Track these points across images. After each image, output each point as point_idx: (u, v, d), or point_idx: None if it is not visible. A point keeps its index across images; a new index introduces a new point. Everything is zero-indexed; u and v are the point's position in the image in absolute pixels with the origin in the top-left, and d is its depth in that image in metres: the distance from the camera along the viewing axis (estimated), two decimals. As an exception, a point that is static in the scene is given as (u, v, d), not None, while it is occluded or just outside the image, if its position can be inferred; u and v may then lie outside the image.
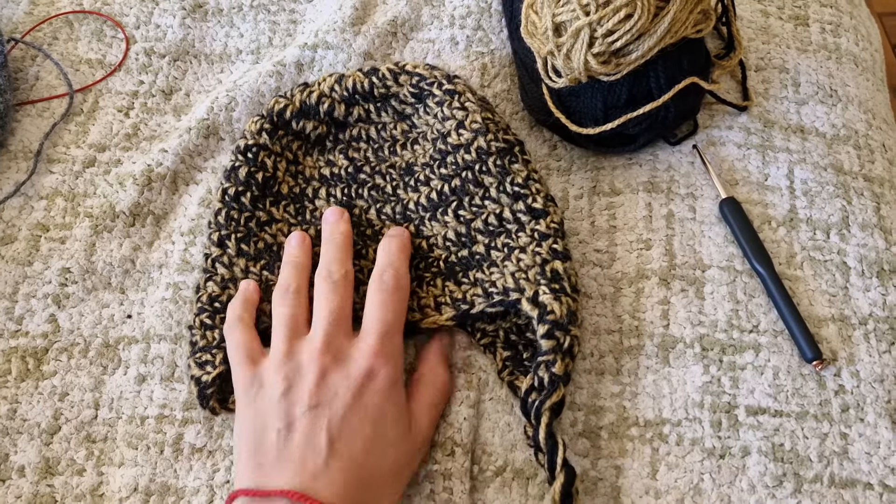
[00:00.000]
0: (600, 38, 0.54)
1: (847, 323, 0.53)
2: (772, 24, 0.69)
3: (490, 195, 0.54)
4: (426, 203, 0.56)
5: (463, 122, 0.55)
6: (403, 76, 0.58)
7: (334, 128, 0.59)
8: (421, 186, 0.56)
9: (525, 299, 0.49)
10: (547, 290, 0.49)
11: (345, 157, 0.58)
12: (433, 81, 0.57)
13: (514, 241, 0.52)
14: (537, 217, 0.53)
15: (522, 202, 0.53)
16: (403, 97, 0.58)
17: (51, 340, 0.54)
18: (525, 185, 0.54)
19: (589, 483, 0.48)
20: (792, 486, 0.48)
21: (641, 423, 0.50)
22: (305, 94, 0.58)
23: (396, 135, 0.58)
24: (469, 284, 0.52)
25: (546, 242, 0.51)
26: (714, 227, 0.57)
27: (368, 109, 0.59)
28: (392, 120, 0.59)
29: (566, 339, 0.47)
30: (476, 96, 0.58)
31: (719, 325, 0.53)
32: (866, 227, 0.58)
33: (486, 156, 0.54)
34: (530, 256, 0.51)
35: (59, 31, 0.69)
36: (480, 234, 0.54)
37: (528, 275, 0.50)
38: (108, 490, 0.49)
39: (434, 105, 0.57)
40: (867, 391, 0.51)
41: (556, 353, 0.47)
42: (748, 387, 0.51)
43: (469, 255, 0.53)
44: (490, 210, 0.54)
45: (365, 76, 0.58)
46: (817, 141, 0.62)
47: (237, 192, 0.55)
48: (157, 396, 0.52)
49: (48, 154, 0.62)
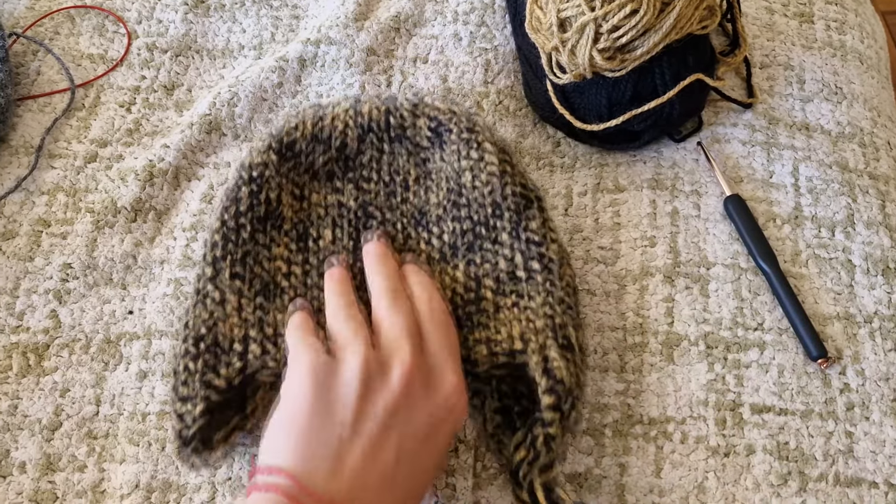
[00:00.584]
0: (605, 34, 0.53)
1: (852, 321, 0.53)
2: (777, 20, 0.69)
3: (502, 244, 0.51)
4: (436, 247, 0.52)
5: (479, 166, 0.52)
6: (422, 116, 0.54)
7: (345, 155, 0.55)
8: (433, 229, 0.53)
9: (532, 359, 0.45)
10: (556, 355, 0.45)
11: (354, 187, 0.55)
12: (452, 122, 0.53)
13: (525, 296, 0.48)
14: (551, 273, 0.49)
15: (537, 256, 0.50)
16: (420, 136, 0.54)
17: (52, 336, 0.54)
18: (541, 238, 0.50)
19: (593, 481, 0.48)
20: (797, 485, 0.48)
21: (646, 421, 0.50)
22: (318, 118, 0.54)
23: (409, 175, 0.55)
24: (475, 341, 0.48)
25: (559, 305, 0.48)
26: (719, 225, 0.57)
27: (382, 141, 0.55)
28: (406, 157, 0.55)
29: (568, 402, 0.44)
30: (495, 140, 0.54)
31: (724, 322, 0.53)
32: (871, 224, 0.57)
33: (501, 203, 0.51)
34: (542, 318, 0.47)
35: (61, 26, 0.69)
36: (489, 286, 0.50)
37: (536, 336, 0.46)
38: (110, 487, 0.49)
39: (451, 147, 0.53)
40: (872, 389, 0.51)
41: (555, 412, 0.44)
42: (753, 385, 0.51)
43: (476, 308, 0.49)
44: (501, 261, 0.50)
45: (382, 105, 0.54)
46: (822, 138, 0.62)
47: (237, 212, 0.51)
48: (159, 393, 0.52)
49: (49, 149, 0.62)
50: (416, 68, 0.66)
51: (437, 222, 0.53)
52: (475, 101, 0.63)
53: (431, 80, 0.65)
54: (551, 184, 0.60)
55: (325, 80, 0.65)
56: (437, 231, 0.53)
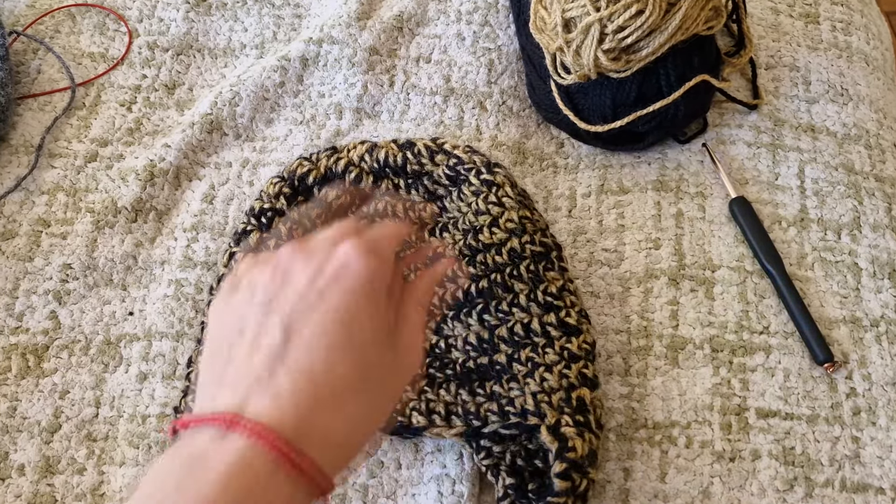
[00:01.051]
0: (611, 35, 0.53)
1: (859, 325, 0.53)
2: (782, 21, 0.68)
3: (519, 303, 0.49)
4: (450, 300, 0.51)
5: (497, 219, 0.51)
6: (440, 156, 0.53)
7: (359, 199, 0.56)
8: (449, 283, 0.52)
9: (545, 427, 0.44)
10: (570, 422, 0.44)
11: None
12: (471, 167, 0.52)
13: (541, 356, 0.47)
14: (569, 334, 0.48)
15: (554, 315, 0.48)
16: (437, 177, 0.53)
17: (51, 337, 0.53)
18: (559, 297, 0.49)
19: (597, 486, 0.48)
20: (803, 491, 0.47)
21: (650, 426, 0.49)
22: (332, 161, 0.54)
23: (426, 218, 0.54)
24: (484, 397, 0.47)
25: (575, 365, 0.46)
26: (724, 227, 0.57)
27: (398, 185, 0.54)
28: (423, 200, 0.54)
29: (583, 482, 0.43)
30: (516, 190, 0.53)
31: (729, 326, 0.53)
32: (878, 227, 0.57)
33: (518, 259, 0.50)
34: (556, 378, 0.46)
35: (62, 24, 0.68)
36: (504, 343, 0.48)
37: (551, 399, 0.45)
38: (109, 489, 0.48)
39: (470, 194, 0.52)
40: (879, 394, 0.50)
41: (568, 496, 0.42)
42: (758, 389, 0.50)
43: (489, 364, 0.48)
44: (517, 318, 0.49)
45: (399, 149, 0.54)
46: (828, 140, 0.61)
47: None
48: (159, 395, 0.51)
49: (49, 148, 0.61)
50: (419, 68, 0.65)
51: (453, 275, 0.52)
52: (478, 101, 0.63)
53: (434, 79, 0.64)
54: (555, 185, 0.59)
55: (328, 80, 0.64)
56: (452, 287, 0.51)
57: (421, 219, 0.51)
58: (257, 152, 0.61)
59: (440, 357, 0.50)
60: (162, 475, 0.30)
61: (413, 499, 0.47)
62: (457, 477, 0.47)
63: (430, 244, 0.40)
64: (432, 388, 0.48)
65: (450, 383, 0.49)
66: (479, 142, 0.61)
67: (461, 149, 0.53)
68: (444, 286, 0.46)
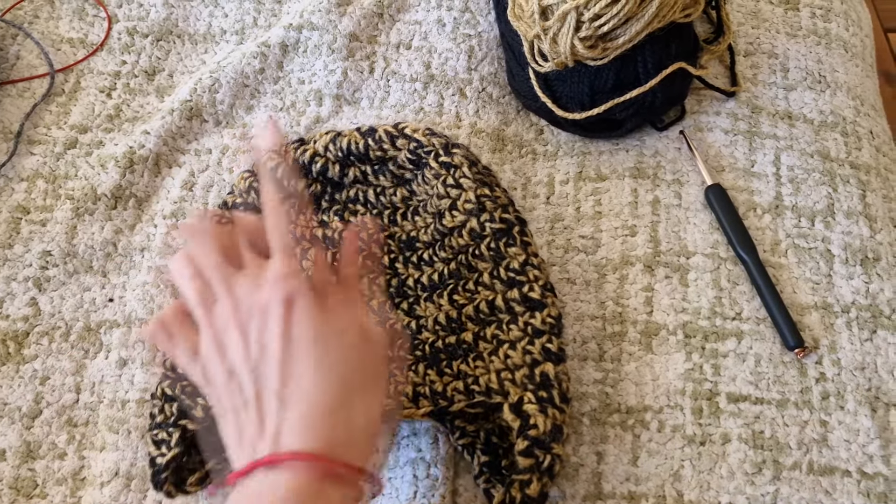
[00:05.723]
0: (587, 22, 0.53)
1: (830, 311, 0.54)
2: (762, 8, 0.68)
3: (483, 281, 0.50)
4: (426, 283, 0.52)
5: (456, 202, 0.51)
6: (401, 140, 0.54)
7: (330, 187, 0.56)
8: (424, 266, 0.53)
9: (507, 405, 0.44)
10: (533, 399, 0.44)
11: (340, 219, 0.55)
12: (431, 150, 0.53)
13: (505, 333, 0.48)
14: (532, 309, 0.48)
15: (517, 290, 0.48)
16: (401, 162, 0.54)
17: (31, 324, 0.54)
18: (521, 272, 0.49)
19: (570, 469, 0.49)
20: (771, 473, 0.48)
21: (623, 410, 0.50)
22: (299, 153, 0.55)
23: (397, 202, 0.55)
24: (451, 377, 0.48)
25: (539, 340, 0.46)
26: (699, 214, 0.57)
27: (365, 171, 0.55)
28: (391, 184, 0.55)
29: (546, 458, 0.42)
30: (475, 169, 0.53)
31: (702, 312, 0.53)
32: (851, 214, 0.57)
33: (479, 239, 0.50)
34: (520, 355, 0.46)
35: (40, 10, 0.68)
36: (471, 322, 0.49)
37: (514, 376, 0.46)
38: (90, 474, 0.49)
39: (431, 178, 0.53)
40: (848, 379, 0.51)
41: (532, 472, 0.42)
42: (730, 374, 0.51)
43: (456, 344, 0.49)
44: (482, 297, 0.49)
45: (361, 137, 0.54)
46: (805, 127, 0.62)
47: None
48: (139, 380, 0.52)
49: (29, 135, 0.61)
50: (399, 54, 0.65)
51: (430, 260, 0.53)
52: (458, 87, 0.63)
53: (415, 66, 0.64)
54: (533, 172, 0.60)
55: (308, 66, 0.64)
56: (428, 269, 0.53)
57: (393, 204, 0.53)
58: (237, 139, 0.61)
59: (411, 338, 0.50)
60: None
61: (389, 483, 0.48)
62: (432, 460, 0.48)
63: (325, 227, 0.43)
64: (401, 370, 0.49)
65: (418, 364, 0.49)
66: (459, 129, 0.61)
67: (421, 132, 0.54)
68: (362, 248, 0.47)
